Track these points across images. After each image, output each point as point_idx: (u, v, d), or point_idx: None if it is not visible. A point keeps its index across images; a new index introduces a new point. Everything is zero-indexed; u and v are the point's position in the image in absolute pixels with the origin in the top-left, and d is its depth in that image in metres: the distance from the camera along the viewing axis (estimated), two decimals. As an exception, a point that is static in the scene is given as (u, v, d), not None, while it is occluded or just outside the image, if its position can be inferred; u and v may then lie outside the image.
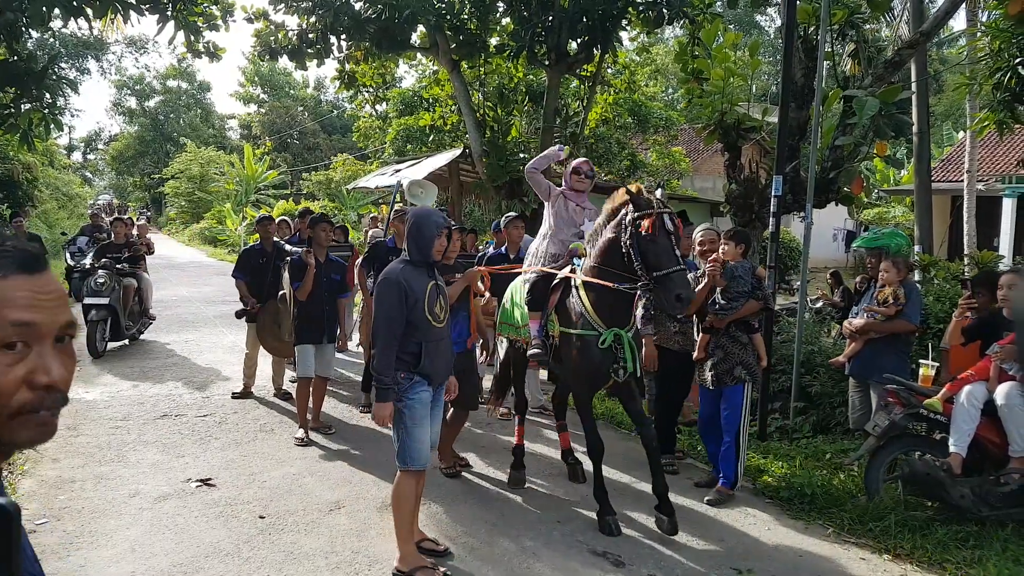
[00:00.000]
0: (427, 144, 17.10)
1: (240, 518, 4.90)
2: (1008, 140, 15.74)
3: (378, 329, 4.06)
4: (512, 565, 4.36)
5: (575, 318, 4.83)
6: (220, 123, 63.09)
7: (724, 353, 5.42)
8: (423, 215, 4.26)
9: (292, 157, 48.55)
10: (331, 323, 6.90)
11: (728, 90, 8.21)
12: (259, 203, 36.34)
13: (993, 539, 4.59)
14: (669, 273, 4.33)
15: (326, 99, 59.35)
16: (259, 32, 12.05)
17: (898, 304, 5.59)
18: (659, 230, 4.36)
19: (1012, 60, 9.72)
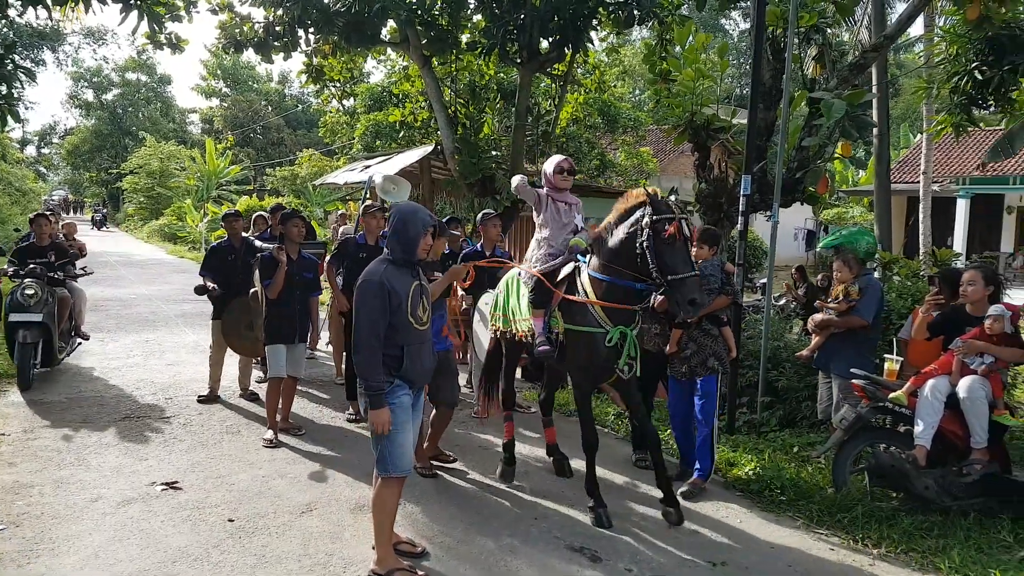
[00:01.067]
0: (397, 140, 17.01)
1: (208, 522, 4.81)
2: (963, 142, 16.12)
3: (361, 333, 3.93)
4: (490, 563, 4.38)
5: (581, 316, 4.88)
6: (181, 117, 62.07)
7: (697, 346, 5.64)
8: (409, 211, 4.14)
9: (255, 152, 47.98)
10: (303, 322, 6.78)
11: (698, 91, 8.31)
12: (221, 199, 35.85)
13: (956, 528, 4.76)
14: (685, 278, 4.44)
15: (291, 93, 58.79)
16: (224, 24, 11.82)
17: (850, 301, 5.74)
18: (678, 235, 4.46)
19: (969, 64, 9.95)
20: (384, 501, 4.11)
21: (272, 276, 6.48)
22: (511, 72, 14.33)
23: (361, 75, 18.84)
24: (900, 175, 24.17)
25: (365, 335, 3.92)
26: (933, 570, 4.42)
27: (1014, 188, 22.31)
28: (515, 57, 11.13)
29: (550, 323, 5.07)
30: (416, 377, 4.13)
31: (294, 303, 6.66)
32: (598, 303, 4.81)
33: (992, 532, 4.71)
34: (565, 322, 4.96)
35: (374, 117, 18.21)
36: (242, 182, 40.66)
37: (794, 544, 4.79)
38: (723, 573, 4.38)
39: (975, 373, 4.90)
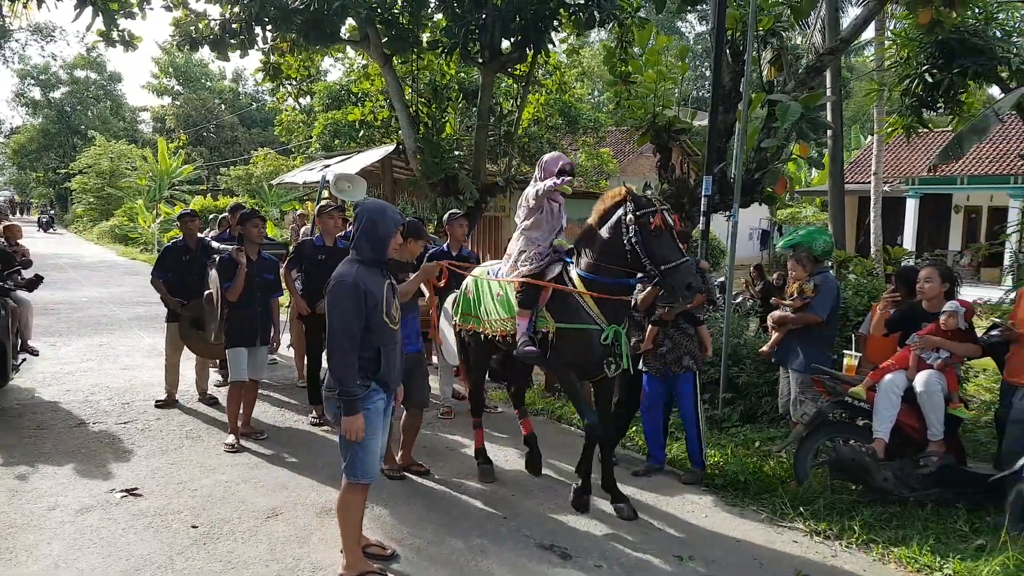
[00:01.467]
0: (357, 140, 16.87)
1: (171, 528, 4.72)
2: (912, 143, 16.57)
3: (335, 336, 3.82)
4: (460, 564, 4.37)
5: (575, 314, 4.92)
6: (132, 116, 60.71)
7: (673, 343, 5.79)
8: (378, 210, 4.05)
9: (209, 151, 47.22)
10: (265, 324, 6.65)
11: (659, 93, 8.40)
12: (173, 199, 35.20)
13: (915, 519, 4.89)
14: (678, 265, 4.55)
15: (245, 91, 57.92)
16: (178, 21, 11.63)
17: (804, 298, 5.87)
18: (663, 225, 4.57)
19: (920, 68, 10.22)
20: (350, 506, 4.07)
21: (231, 279, 6.34)
22: (473, 72, 14.32)
23: (318, 73, 18.68)
24: (851, 176, 24.70)
25: (340, 338, 3.81)
26: (893, 560, 4.54)
27: (961, 188, 22.93)
28: (477, 57, 11.13)
29: (536, 323, 5.06)
30: (391, 380, 4.08)
31: (255, 305, 6.52)
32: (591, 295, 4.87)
33: (949, 522, 4.84)
34: (557, 321, 4.97)
35: (332, 116, 18.04)
36: (195, 182, 40.00)
37: (759, 537, 4.88)
38: (690, 567, 4.44)
39: (931, 368, 5.04)
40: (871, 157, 19.90)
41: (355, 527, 4.12)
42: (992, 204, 23.21)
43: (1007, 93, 9.65)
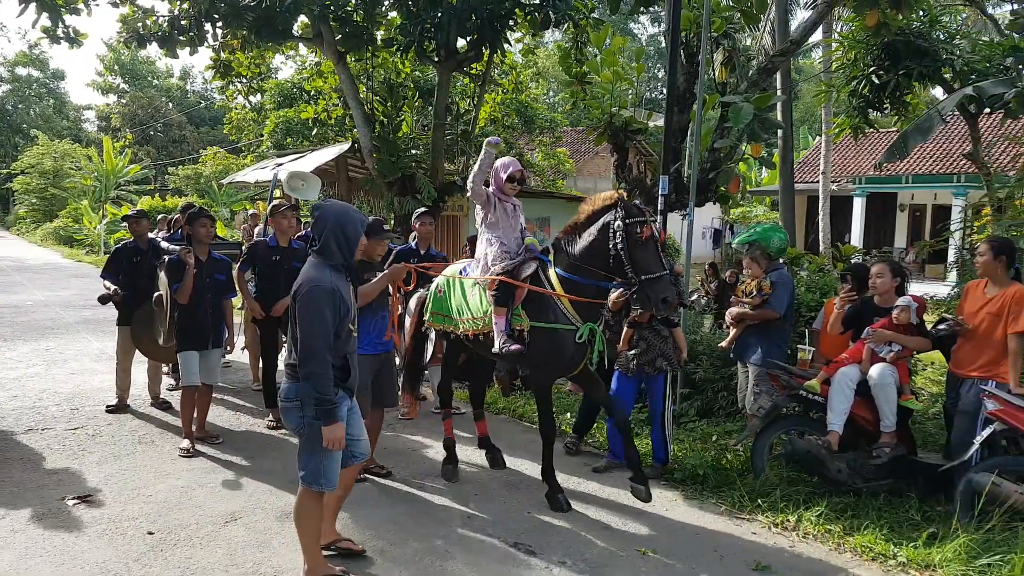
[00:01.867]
0: (310, 138, 16.70)
1: (127, 535, 4.62)
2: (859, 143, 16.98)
3: (316, 344, 3.69)
4: (425, 564, 4.36)
5: (550, 313, 4.97)
6: (76, 114, 59.20)
7: (647, 345, 5.88)
8: (343, 211, 3.95)
9: (156, 150, 46.28)
10: (217, 327, 6.49)
11: (616, 93, 8.48)
12: (120, 199, 34.46)
13: (869, 508, 5.02)
14: (659, 277, 4.63)
15: (193, 89, 56.88)
16: (125, 17, 11.37)
17: (763, 295, 5.99)
18: (650, 236, 4.66)
19: (867, 69, 10.48)
20: (308, 512, 3.97)
21: (180, 280, 6.18)
22: (428, 70, 14.28)
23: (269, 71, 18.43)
24: (800, 175, 25.22)
25: (320, 346, 3.68)
26: (848, 549, 4.65)
27: (907, 187, 23.56)
28: (432, 55, 11.10)
29: (511, 321, 5.06)
30: (356, 385, 4.02)
31: (205, 307, 6.36)
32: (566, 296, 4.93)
33: (901, 511, 4.99)
34: (532, 320, 5.00)
35: (284, 114, 17.83)
36: (142, 182, 39.16)
37: (719, 529, 4.97)
38: (652, 560, 4.49)
39: (884, 361, 5.18)
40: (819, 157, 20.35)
41: (315, 534, 4.05)
42: (936, 202, 23.88)
43: (950, 94, 9.95)
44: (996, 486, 4.51)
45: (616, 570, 4.36)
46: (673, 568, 4.42)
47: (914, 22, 9.91)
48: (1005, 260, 5.01)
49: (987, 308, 4.99)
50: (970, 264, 8.73)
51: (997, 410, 4.68)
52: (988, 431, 4.74)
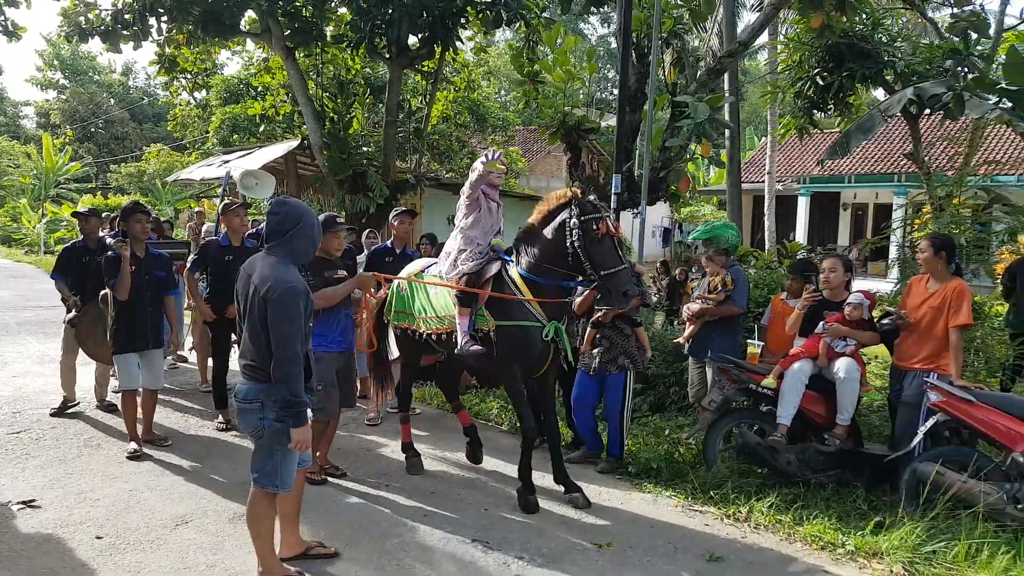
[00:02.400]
0: (257, 135, 16.44)
1: (75, 540, 4.52)
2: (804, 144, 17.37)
3: (293, 345, 3.63)
4: (383, 563, 4.34)
5: (516, 311, 4.96)
6: (14, 110, 57.14)
7: (609, 343, 5.95)
8: (305, 211, 3.90)
9: (98, 148, 44.97)
10: (156, 326, 6.25)
11: (568, 93, 8.53)
12: (61, 198, 33.51)
13: (818, 499, 5.14)
14: (617, 271, 4.63)
15: (136, 85, 55.48)
16: (67, 11, 11.07)
17: (726, 291, 6.08)
18: (605, 232, 4.66)
19: (811, 71, 10.71)
20: (261, 514, 3.92)
21: (116, 275, 5.96)
22: (380, 67, 14.18)
23: (215, 66, 18.11)
24: (746, 175, 25.65)
25: (295, 348, 3.64)
26: (799, 539, 4.76)
27: (849, 186, 24.15)
28: (383, 52, 11.02)
29: (476, 321, 5.04)
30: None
31: (144, 305, 6.13)
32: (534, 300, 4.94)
33: (849, 501, 5.12)
34: (497, 319, 4.99)
35: (231, 110, 17.53)
36: (83, 180, 38.11)
37: (673, 522, 5.04)
38: (608, 554, 4.54)
39: (842, 355, 5.30)
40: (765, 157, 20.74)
41: (269, 536, 4.00)
42: (878, 201, 24.54)
43: (892, 95, 10.23)
44: (940, 475, 4.64)
45: (573, 564, 4.39)
46: (629, 561, 4.47)
47: (857, 25, 10.16)
48: (945, 256, 5.16)
49: (929, 302, 5.14)
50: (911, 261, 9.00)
51: (939, 401, 4.81)
52: (931, 422, 4.87)
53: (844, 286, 5.60)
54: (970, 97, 9.22)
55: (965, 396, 4.76)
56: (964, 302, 5.01)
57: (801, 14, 9.79)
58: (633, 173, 8.29)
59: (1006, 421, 4.63)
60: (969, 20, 10.42)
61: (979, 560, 4.20)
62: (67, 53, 49.37)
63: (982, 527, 4.38)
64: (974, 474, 4.62)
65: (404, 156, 13.89)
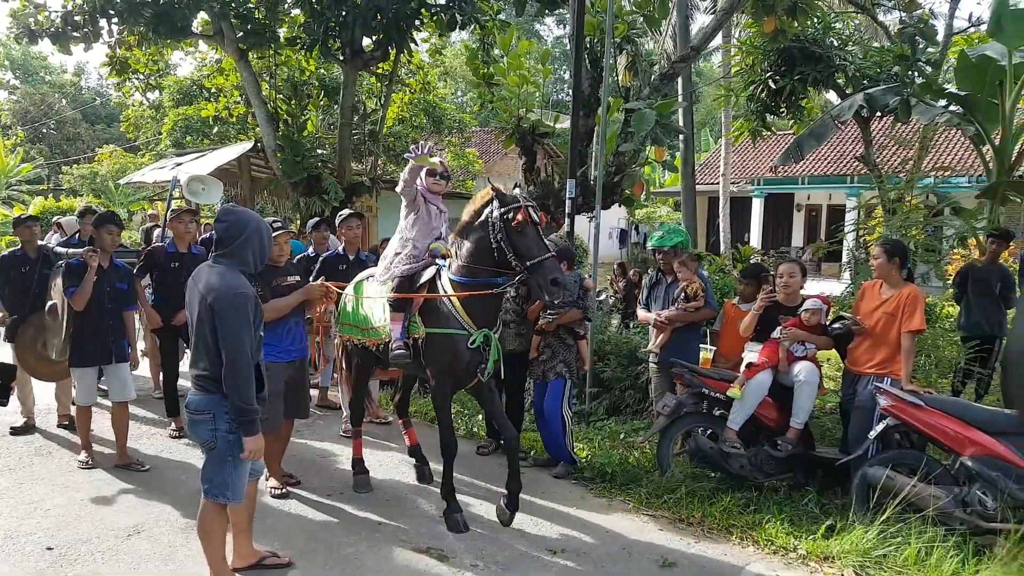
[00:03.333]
0: (210, 137, 16.22)
1: (24, 551, 4.45)
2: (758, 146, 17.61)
3: (243, 354, 3.57)
4: (336, 573, 4.32)
5: (444, 319, 4.83)
6: (-37, 112, 55.66)
7: (551, 352, 5.99)
8: (255, 218, 3.85)
9: (49, 149, 43.91)
10: (118, 339, 6.04)
11: (522, 96, 8.56)
12: (11, 200, 32.62)
13: (770, 503, 5.20)
14: (543, 260, 4.48)
15: (88, 85, 54.27)
16: (16, 12, 10.82)
17: (700, 297, 6.06)
18: (528, 220, 4.53)
19: (763, 75, 10.90)
20: (213, 526, 3.88)
21: (79, 284, 5.74)
22: (334, 68, 14.08)
23: (168, 67, 17.82)
24: (701, 177, 25.95)
25: (246, 356, 3.58)
26: (751, 543, 4.81)
27: (803, 188, 24.55)
28: (337, 54, 10.95)
29: (408, 328, 4.95)
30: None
31: (106, 318, 5.91)
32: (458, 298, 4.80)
33: (801, 505, 5.17)
34: (426, 326, 4.88)
35: (184, 112, 17.27)
36: (35, 181, 37.10)
37: (626, 526, 5.07)
38: (563, 559, 4.56)
39: (803, 359, 5.38)
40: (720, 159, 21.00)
41: (221, 549, 3.97)
42: (831, 202, 24.95)
43: (844, 99, 10.46)
44: (890, 479, 4.71)
45: (527, 571, 4.40)
46: (583, 567, 4.49)
47: (809, 29, 10.36)
48: (899, 261, 5.23)
49: (883, 308, 5.20)
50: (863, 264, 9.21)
51: (890, 406, 4.88)
52: (881, 426, 4.95)
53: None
54: (917, 103, 9.48)
55: (914, 401, 4.83)
56: (917, 308, 5.08)
57: (754, 19, 9.96)
58: (588, 177, 8.34)
59: (954, 425, 4.70)
60: (916, 27, 10.70)
61: (928, 563, 4.28)
62: (18, 53, 48.14)
63: (931, 531, 4.46)
64: (924, 478, 4.68)
65: (360, 158, 13.80)
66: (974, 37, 12.24)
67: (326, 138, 13.34)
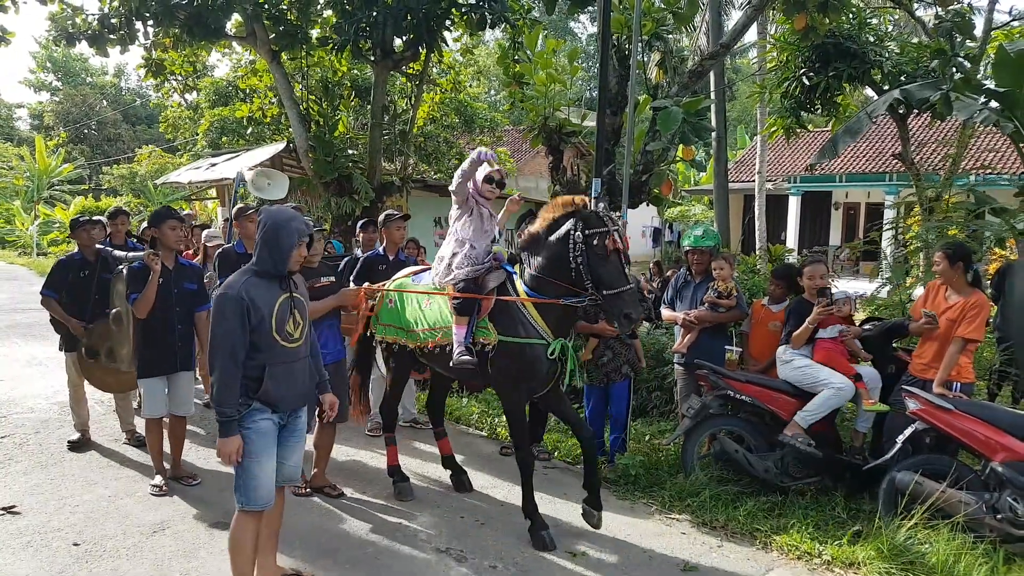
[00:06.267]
0: (245, 137, 16.43)
1: (52, 547, 4.53)
2: (793, 143, 17.32)
3: (216, 352, 3.54)
4: (356, 573, 4.33)
5: (520, 326, 4.62)
6: (7, 113, 57.01)
7: (613, 353, 6.00)
8: (282, 219, 3.71)
9: (90, 149, 44.88)
10: (186, 346, 5.62)
11: (550, 94, 8.53)
12: (53, 200, 33.44)
13: (795, 507, 5.11)
14: (621, 292, 4.31)
15: (128, 87, 55.34)
16: (55, 15, 11.08)
17: (735, 297, 5.96)
18: (611, 248, 4.33)
19: (798, 71, 10.73)
20: (240, 537, 3.74)
21: (142, 290, 5.32)
22: (365, 69, 14.17)
23: (204, 69, 18.10)
24: (737, 175, 25.64)
25: (221, 355, 3.53)
26: (775, 548, 4.73)
27: (841, 185, 24.12)
28: (368, 54, 11.02)
29: (475, 333, 4.72)
30: (279, 400, 3.71)
31: (173, 323, 5.48)
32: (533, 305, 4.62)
33: (827, 509, 5.08)
34: (500, 333, 4.64)
35: (219, 112, 17.52)
36: (76, 181, 38.00)
37: (648, 529, 5.02)
38: (583, 562, 4.52)
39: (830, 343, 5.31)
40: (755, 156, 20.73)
41: (249, 563, 3.79)
42: (870, 200, 24.49)
43: (880, 95, 10.25)
44: (919, 484, 4.61)
45: (547, 573, 4.38)
46: (603, 570, 4.45)
47: (844, 25, 10.18)
48: (962, 266, 5.08)
49: (947, 314, 5.08)
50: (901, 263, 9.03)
51: (919, 409, 4.78)
52: (911, 430, 4.84)
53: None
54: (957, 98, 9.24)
55: (944, 405, 4.73)
56: (979, 316, 4.97)
57: (785, 15, 9.81)
58: (615, 176, 8.28)
59: (985, 430, 4.60)
60: (953, 21, 10.44)
61: (957, 571, 4.17)
62: (59, 55, 49.30)
63: (960, 537, 4.36)
64: (953, 483, 4.57)
65: (390, 158, 13.88)
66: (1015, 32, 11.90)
67: (357, 138, 13.45)
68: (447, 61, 15.16)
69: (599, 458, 6.03)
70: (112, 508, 5.13)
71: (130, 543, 4.60)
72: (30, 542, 4.58)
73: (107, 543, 4.59)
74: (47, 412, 7.43)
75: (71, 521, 4.90)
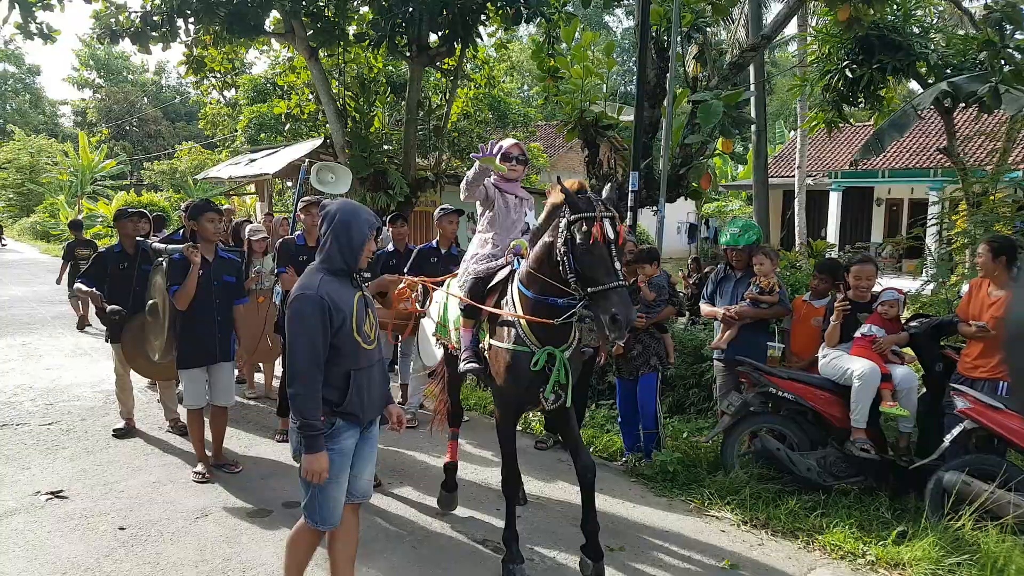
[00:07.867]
0: (283, 133, 16.61)
1: (98, 531, 4.62)
2: (835, 137, 17.03)
3: (298, 361, 3.20)
4: (393, 562, 4.35)
5: (506, 330, 4.06)
6: (52, 109, 58.46)
7: (642, 347, 5.98)
8: (351, 213, 3.42)
9: (132, 145, 45.80)
10: (224, 337, 5.64)
11: (586, 88, 8.48)
12: (96, 195, 34.14)
13: (839, 507, 5.01)
14: (606, 290, 3.52)
15: (168, 84, 56.31)
16: (98, 13, 11.33)
17: (778, 293, 5.85)
18: (600, 238, 3.55)
19: (840, 64, 10.53)
20: (300, 542, 3.52)
21: (182, 282, 5.34)
22: (400, 65, 14.26)
23: (243, 66, 18.33)
24: (776, 169, 25.28)
25: (304, 362, 3.20)
26: (817, 547, 4.65)
27: (883, 181, 23.65)
28: (404, 50, 11.08)
29: (479, 336, 4.30)
30: (364, 410, 3.40)
31: (213, 314, 5.51)
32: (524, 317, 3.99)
33: (872, 509, 4.97)
34: (490, 336, 4.17)
35: (258, 109, 17.73)
36: (118, 177, 38.77)
37: (687, 527, 4.96)
38: (621, 557, 4.49)
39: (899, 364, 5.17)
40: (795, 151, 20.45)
41: (301, 564, 3.57)
42: (913, 197, 23.98)
43: (925, 88, 10.02)
44: (966, 485, 4.50)
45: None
46: (641, 566, 4.42)
47: (888, 16, 9.97)
48: (1006, 261, 4.90)
49: (991, 311, 4.92)
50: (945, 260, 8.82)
51: (967, 408, 4.65)
52: (959, 429, 4.72)
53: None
54: (1006, 91, 9.01)
55: (994, 403, 4.60)
56: None
57: (828, 7, 9.63)
58: (652, 170, 8.21)
59: (1036, 430, 4.45)
60: (1003, 11, 10.16)
61: (1008, 573, 4.06)
62: (102, 53, 50.31)
63: (1010, 539, 4.25)
64: (1002, 484, 4.44)
65: (425, 154, 13.94)
66: (1069, 21, 11.56)
67: (392, 134, 13.53)
68: (481, 56, 15.17)
69: (635, 454, 6.06)
70: (156, 494, 5.22)
71: (174, 528, 4.68)
72: (77, 526, 4.68)
73: (152, 528, 4.67)
74: (92, 400, 7.58)
75: (117, 506, 4.99)
